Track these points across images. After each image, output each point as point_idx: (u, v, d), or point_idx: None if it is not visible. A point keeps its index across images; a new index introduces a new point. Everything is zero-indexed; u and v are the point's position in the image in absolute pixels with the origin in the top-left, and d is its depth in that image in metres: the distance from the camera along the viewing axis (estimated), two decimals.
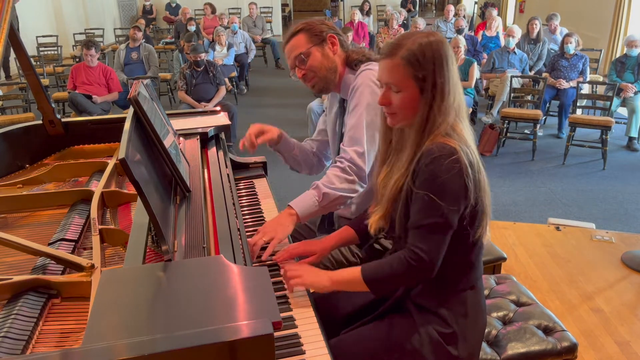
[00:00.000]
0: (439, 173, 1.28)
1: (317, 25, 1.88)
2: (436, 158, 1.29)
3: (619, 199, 4.35)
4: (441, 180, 1.28)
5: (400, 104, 1.38)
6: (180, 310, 1.09)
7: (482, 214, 1.36)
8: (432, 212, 1.30)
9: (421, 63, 1.33)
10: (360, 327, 1.51)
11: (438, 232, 1.32)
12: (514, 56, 6.30)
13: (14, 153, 2.24)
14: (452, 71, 1.35)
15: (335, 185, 1.77)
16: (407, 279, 1.39)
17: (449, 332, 1.41)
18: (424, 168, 1.30)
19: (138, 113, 1.52)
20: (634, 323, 2.69)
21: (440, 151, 1.29)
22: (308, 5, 20.18)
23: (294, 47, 1.87)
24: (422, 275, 1.36)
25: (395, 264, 1.36)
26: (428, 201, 1.30)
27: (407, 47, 1.35)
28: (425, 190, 1.30)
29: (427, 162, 1.30)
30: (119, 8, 13.55)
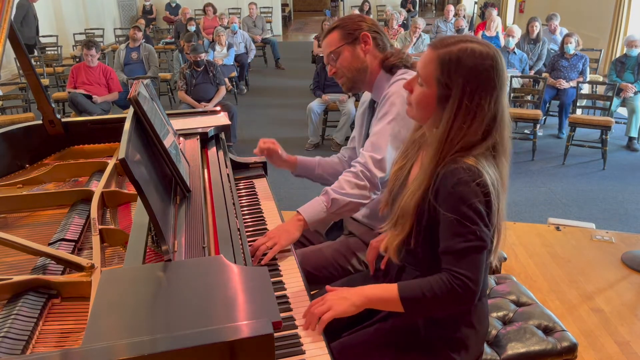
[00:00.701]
0: (469, 196, 1.23)
1: (354, 22, 1.84)
2: (463, 179, 1.23)
3: (619, 199, 4.35)
4: (472, 204, 1.23)
5: (417, 97, 1.33)
6: (180, 310, 1.09)
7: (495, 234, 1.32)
8: (469, 237, 1.24)
9: (451, 73, 1.25)
10: (362, 330, 1.50)
11: (478, 255, 1.26)
12: (514, 56, 6.30)
13: (14, 153, 2.24)
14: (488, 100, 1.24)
15: (345, 190, 1.72)
16: (448, 305, 1.29)
17: (452, 338, 1.40)
18: (451, 190, 1.24)
19: (138, 113, 1.52)
20: (634, 323, 2.69)
21: (466, 172, 1.23)
22: (308, 5, 20.18)
23: (327, 44, 1.86)
24: (466, 302, 1.27)
25: (437, 287, 1.27)
26: (462, 226, 1.24)
27: (451, 48, 1.27)
28: (455, 214, 1.24)
29: (454, 183, 1.23)
30: (119, 8, 13.55)
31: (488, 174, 1.26)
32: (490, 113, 1.26)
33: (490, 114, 1.26)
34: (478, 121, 1.26)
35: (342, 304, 1.33)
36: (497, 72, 1.25)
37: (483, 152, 1.28)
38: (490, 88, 1.25)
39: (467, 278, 1.24)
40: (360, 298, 1.34)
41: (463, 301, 1.27)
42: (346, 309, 1.33)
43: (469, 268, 1.25)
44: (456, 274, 1.25)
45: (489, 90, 1.25)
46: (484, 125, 1.26)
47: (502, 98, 1.28)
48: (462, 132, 1.26)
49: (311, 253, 1.88)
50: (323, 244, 1.96)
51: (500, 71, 1.26)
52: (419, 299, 1.29)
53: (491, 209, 1.25)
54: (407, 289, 1.31)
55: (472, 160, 1.25)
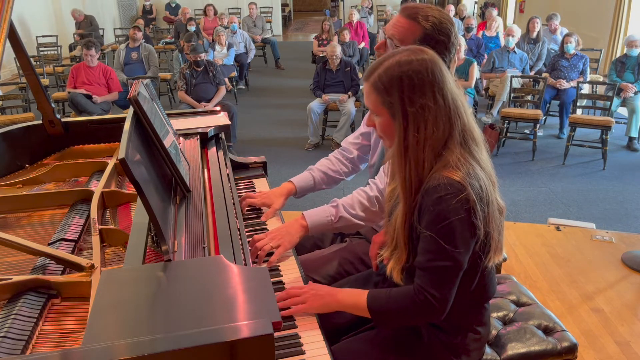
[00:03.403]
0: (447, 214, 1.20)
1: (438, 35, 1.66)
2: (443, 198, 1.20)
3: (619, 199, 4.35)
4: (449, 222, 1.20)
5: (380, 128, 1.32)
6: (180, 310, 1.09)
7: (490, 243, 1.30)
8: (441, 255, 1.23)
9: (387, 90, 1.25)
10: (363, 333, 1.50)
11: (447, 275, 1.25)
12: (514, 55, 6.30)
13: (14, 153, 2.24)
14: (431, 98, 1.23)
15: (356, 212, 1.69)
16: (413, 320, 1.33)
17: (454, 343, 1.40)
18: (431, 208, 1.22)
19: (138, 113, 1.52)
20: (634, 323, 2.69)
21: (447, 189, 1.20)
22: (308, 5, 20.18)
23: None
24: (430, 319, 1.31)
25: (403, 301, 1.29)
26: (434, 243, 1.22)
27: (378, 71, 1.27)
28: (432, 232, 1.22)
29: (433, 200, 1.21)
30: (119, 8, 13.55)
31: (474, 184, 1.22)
32: (441, 107, 1.24)
33: (441, 107, 1.24)
34: (432, 119, 1.23)
35: (316, 302, 1.38)
36: (429, 70, 1.24)
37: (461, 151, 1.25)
38: (427, 85, 1.23)
39: (432, 296, 1.25)
40: (333, 300, 1.38)
41: (426, 317, 1.29)
42: (318, 307, 1.38)
43: (436, 286, 1.25)
44: (422, 290, 1.26)
45: (427, 88, 1.23)
46: (442, 121, 1.24)
47: (447, 90, 1.25)
48: (421, 138, 1.24)
49: (317, 260, 1.84)
50: (328, 249, 1.92)
51: (433, 69, 1.24)
52: (385, 311, 1.32)
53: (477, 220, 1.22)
54: (375, 300, 1.33)
55: (457, 174, 1.22)
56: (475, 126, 1.32)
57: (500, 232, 1.33)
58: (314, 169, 2.01)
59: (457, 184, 1.20)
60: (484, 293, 1.41)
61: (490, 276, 1.40)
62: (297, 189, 1.95)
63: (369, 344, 1.45)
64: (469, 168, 1.24)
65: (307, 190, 1.99)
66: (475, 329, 1.43)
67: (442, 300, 1.25)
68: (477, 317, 1.43)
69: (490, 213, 1.26)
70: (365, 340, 1.47)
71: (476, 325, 1.43)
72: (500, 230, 1.33)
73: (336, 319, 1.57)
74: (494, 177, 1.33)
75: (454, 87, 1.28)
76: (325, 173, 2.01)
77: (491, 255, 1.32)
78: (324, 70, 5.85)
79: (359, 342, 1.47)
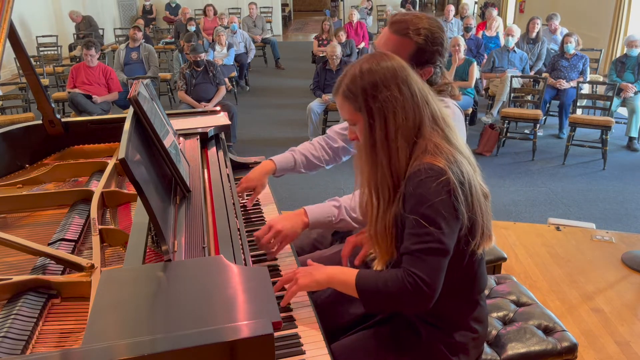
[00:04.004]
0: (429, 196, 1.22)
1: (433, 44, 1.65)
2: (424, 181, 1.23)
3: (619, 199, 4.35)
4: (431, 204, 1.22)
5: (361, 137, 1.34)
6: (180, 310, 1.09)
7: (476, 228, 1.31)
8: (426, 238, 1.23)
9: (355, 95, 1.30)
10: (362, 332, 1.50)
11: (434, 258, 1.24)
12: (514, 55, 6.30)
13: (14, 153, 2.24)
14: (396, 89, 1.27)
15: (357, 215, 1.71)
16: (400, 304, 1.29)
17: (452, 342, 1.40)
18: (412, 192, 1.24)
19: (138, 113, 1.52)
20: (634, 323, 2.69)
21: (428, 173, 1.23)
22: (308, 5, 20.17)
23: None
24: (418, 304, 1.26)
25: (391, 283, 1.26)
26: (420, 226, 1.23)
27: (344, 81, 1.33)
28: (416, 215, 1.24)
29: (415, 184, 1.24)
30: (119, 8, 13.55)
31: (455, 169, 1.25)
32: (407, 96, 1.28)
33: (408, 97, 1.28)
34: (400, 109, 1.27)
35: (306, 279, 1.39)
36: (389, 68, 1.29)
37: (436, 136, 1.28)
38: (390, 79, 1.28)
39: (420, 279, 1.22)
40: (323, 276, 1.38)
41: (415, 302, 1.25)
42: (309, 283, 1.39)
43: (423, 269, 1.23)
44: (410, 273, 1.24)
45: (390, 81, 1.28)
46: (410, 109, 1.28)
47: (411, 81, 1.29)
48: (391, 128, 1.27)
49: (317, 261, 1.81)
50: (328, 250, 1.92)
51: (393, 66, 1.29)
52: (373, 292, 1.29)
53: (459, 203, 1.24)
54: (364, 280, 1.31)
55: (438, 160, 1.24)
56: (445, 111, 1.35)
57: (487, 217, 1.33)
58: (296, 151, 2.03)
59: (437, 168, 1.23)
60: (474, 283, 1.41)
61: (480, 266, 1.41)
62: (277, 168, 1.99)
63: (367, 342, 1.45)
64: (448, 154, 1.26)
65: (286, 171, 2.03)
66: (472, 326, 1.42)
67: (430, 284, 1.23)
68: (472, 313, 1.43)
69: (473, 198, 1.28)
70: (364, 338, 1.47)
71: (473, 322, 1.43)
72: (487, 216, 1.33)
73: (337, 319, 1.57)
74: (473, 161, 1.35)
75: (418, 80, 1.32)
76: (307, 157, 2.03)
77: (478, 240, 1.32)
78: (324, 70, 5.85)
79: (358, 340, 1.47)
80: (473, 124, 5.98)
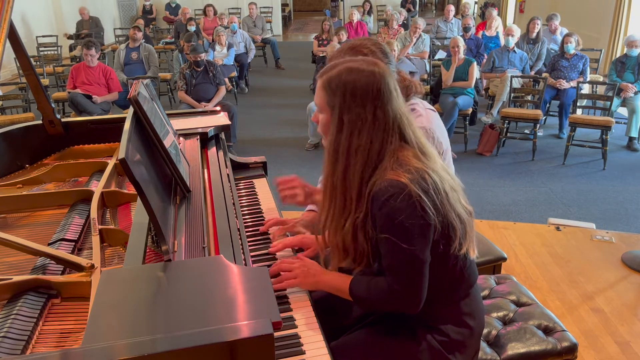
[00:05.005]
0: (394, 214, 1.24)
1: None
2: (387, 200, 1.24)
3: (619, 199, 4.35)
4: (399, 221, 1.24)
5: (320, 124, 1.37)
6: (180, 310, 1.09)
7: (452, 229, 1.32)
8: (400, 255, 1.27)
9: (334, 92, 1.30)
10: (360, 330, 1.51)
11: (411, 271, 1.29)
12: (514, 55, 6.30)
13: (14, 153, 2.24)
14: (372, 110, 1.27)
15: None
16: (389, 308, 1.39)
17: (448, 341, 1.40)
18: (379, 212, 1.26)
19: (138, 113, 1.52)
20: (634, 323, 2.69)
21: (388, 191, 1.24)
22: (308, 5, 20.17)
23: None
24: (406, 310, 1.36)
25: (380, 293, 1.34)
26: (390, 244, 1.27)
27: (330, 73, 1.32)
28: (387, 234, 1.26)
29: (379, 205, 1.25)
30: (119, 8, 13.54)
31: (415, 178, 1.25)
32: (379, 122, 1.28)
33: (379, 122, 1.28)
34: (366, 132, 1.27)
35: (308, 279, 1.45)
36: (375, 84, 1.28)
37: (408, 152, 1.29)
38: (369, 99, 1.27)
39: (404, 292, 1.31)
40: (321, 281, 1.45)
41: (402, 309, 1.36)
42: (309, 285, 1.46)
43: (402, 283, 1.30)
44: (393, 289, 1.31)
45: (369, 101, 1.27)
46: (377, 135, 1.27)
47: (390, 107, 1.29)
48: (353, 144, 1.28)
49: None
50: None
51: (380, 83, 1.28)
52: (365, 298, 1.38)
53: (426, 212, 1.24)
54: (357, 287, 1.39)
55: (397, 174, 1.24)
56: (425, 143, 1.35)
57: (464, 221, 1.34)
58: None
59: (397, 183, 1.24)
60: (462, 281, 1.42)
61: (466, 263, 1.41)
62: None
63: (366, 341, 1.46)
64: (410, 166, 1.27)
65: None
66: (467, 322, 1.43)
67: (413, 294, 1.31)
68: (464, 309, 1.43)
69: (443, 201, 1.28)
70: (363, 337, 1.48)
71: (466, 317, 1.43)
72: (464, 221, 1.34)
73: (334, 317, 1.57)
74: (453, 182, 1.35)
75: (399, 105, 1.31)
76: None
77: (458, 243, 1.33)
78: None
79: (357, 339, 1.48)
80: (473, 124, 5.98)
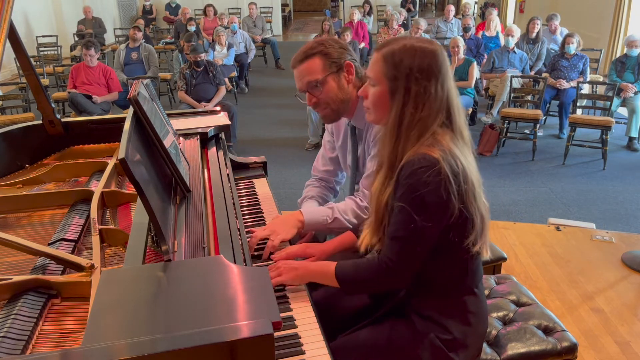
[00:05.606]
0: (418, 186, 1.25)
1: (335, 49, 1.76)
2: (415, 170, 1.25)
3: (619, 199, 4.35)
4: (420, 194, 1.25)
5: (372, 98, 1.38)
6: (180, 310, 1.09)
7: (471, 223, 1.32)
8: (407, 226, 1.28)
9: (397, 65, 1.32)
10: (360, 329, 1.51)
11: (410, 245, 1.31)
12: (514, 55, 6.30)
13: (14, 153, 2.24)
14: (434, 85, 1.30)
15: (348, 217, 1.77)
16: (376, 285, 1.41)
17: (450, 339, 1.40)
18: (403, 180, 1.28)
19: (138, 113, 1.52)
20: (634, 323, 2.69)
21: (420, 163, 1.26)
22: (308, 5, 20.17)
23: (307, 72, 1.76)
24: (392, 285, 1.38)
25: (365, 269, 1.38)
26: (404, 214, 1.28)
27: (392, 46, 1.35)
28: (401, 202, 1.28)
29: (406, 173, 1.27)
30: (119, 8, 13.55)
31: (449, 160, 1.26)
32: (438, 96, 1.32)
33: (438, 97, 1.32)
34: (429, 104, 1.31)
35: (291, 273, 1.47)
36: (438, 61, 1.32)
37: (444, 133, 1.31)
38: (434, 73, 1.31)
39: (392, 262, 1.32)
40: (306, 271, 1.48)
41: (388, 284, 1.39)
42: (293, 278, 1.47)
43: (397, 255, 1.32)
44: (384, 258, 1.34)
45: (433, 75, 1.31)
46: (433, 109, 1.31)
47: (448, 84, 1.34)
48: (415, 117, 1.31)
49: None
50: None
51: (441, 61, 1.33)
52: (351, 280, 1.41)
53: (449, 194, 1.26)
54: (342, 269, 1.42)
55: (433, 151, 1.27)
56: (466, 127, 1.38)
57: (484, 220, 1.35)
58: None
59: (430, 158, 1.26)
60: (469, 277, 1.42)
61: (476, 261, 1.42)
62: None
63: (366, 340, 1.46)
64: (445, 147, 1.29)
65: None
66: (470, 321, 1.42)
67: (399, 265, 1.32)
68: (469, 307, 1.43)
69: (467, 190, 1.29)
70: (363, 336, 1.48)
71: (470, 318, 1.43)
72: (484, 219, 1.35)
73: (334, 315, 1.57)
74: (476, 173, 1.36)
75: (452, 85, 1.35)
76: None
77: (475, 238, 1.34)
78: None
79: (357, 338, 1.48)
80: (473, 124, 5.98)
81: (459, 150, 1.31)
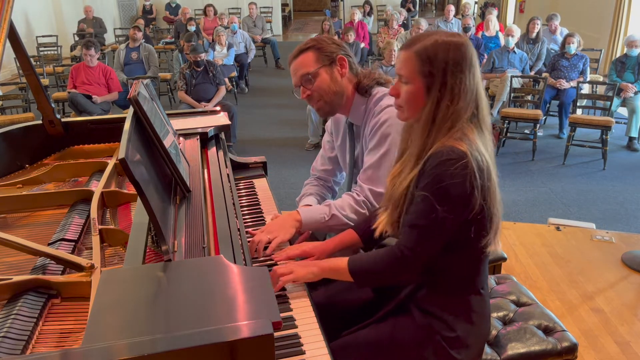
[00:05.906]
0: (444, 177, 1.26)
1: (328, 44, 1.80)
2: (443, 162, 1.26)
3: (619, 199, 4.35)
4: (444, 185, 1.26)
5: (406, 96, 1.38)
6: (180, 310, 1.09)
7: (489, 221, 1.34)
8: (427, 215, 1.29)
9: (432, 60, 1.32)
10: (362, 329, 1.51)
11: (428, 235, 1.31)
12: (514, 55, 6.29)
13: (14, 153, 2.24)
14: (468, 76, 1.33)
15: (346, 212, 1.77)
16: (390, 276, 1.41)
17: (452, 337, 1.40)
18: (430, 170, 1.28)
19: (138, 113, 1.52)
20: (634, 323, 2.69)
21: (448, 154, 1.27)
22: (308, 5, 20.16)
23: (301, 65, 1.80)
24: (405, 274, 1.38)
25: (379, 259, 1.38)
26: (426, 203, 1.28)
27: (423, 42, 1.35)
28: (425, 191, 1.29)
29: (433, 164, 1.28)
30: (119, 8, 13.54)
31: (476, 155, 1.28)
32: (471, 87, 1.33)
33: (471, 87, 1.33)
34: (463, 96, 1.32)
35: (302, 270, 1.47)
36: (469, 52, 1.34)
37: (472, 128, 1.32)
38: (467, 65, 1.33)
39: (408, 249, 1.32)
40: (317, 268, 1.48)
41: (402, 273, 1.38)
42: (305, 275, 1.47)
43: (414, 243, 1.32)
44: (400, 246, 1.34)
45: (467, 67, 1.33)
46: (467, 100, 1.33)
47: (477, 74, 1.35)
48: (450, 110, 1.32)
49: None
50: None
51: (471, 53, 1.35)
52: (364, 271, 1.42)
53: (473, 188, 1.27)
54: (355, 262, 1.43)
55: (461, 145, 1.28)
56: (488, 117, 1.40)
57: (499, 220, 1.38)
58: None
59: (458, 151, 1.27)
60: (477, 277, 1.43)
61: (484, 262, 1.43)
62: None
63: (367, 340, 1.46)
64: (473, 143, 1.30)
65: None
66: (472, 320, 1.42)
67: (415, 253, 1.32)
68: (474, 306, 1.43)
69: (490, 188, 1.31)
70: (364, 336, 1.47)
71: (473, 317, 1.43)
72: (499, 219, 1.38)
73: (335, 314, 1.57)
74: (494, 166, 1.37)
75: (479, 75, 1.38)
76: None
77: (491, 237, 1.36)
78: None
79: (358, 338, 1.48)
80: None
81: (484, 146, 1.33)
